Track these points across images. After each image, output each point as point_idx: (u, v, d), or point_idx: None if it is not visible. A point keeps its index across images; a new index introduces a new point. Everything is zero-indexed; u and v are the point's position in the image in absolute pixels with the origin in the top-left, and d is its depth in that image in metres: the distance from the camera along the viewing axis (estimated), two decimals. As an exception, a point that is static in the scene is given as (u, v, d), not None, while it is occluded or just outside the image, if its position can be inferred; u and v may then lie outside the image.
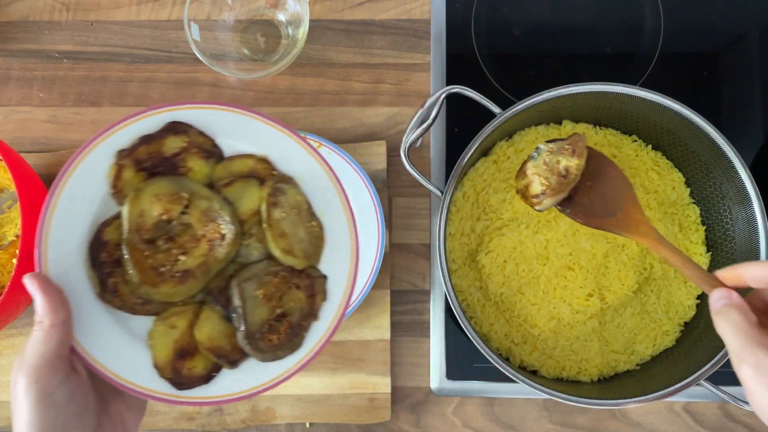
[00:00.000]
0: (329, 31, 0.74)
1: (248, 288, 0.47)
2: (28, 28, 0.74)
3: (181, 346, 0.47)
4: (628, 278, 0.65)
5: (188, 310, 0.48)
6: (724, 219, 0.64)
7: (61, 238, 0.45)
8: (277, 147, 0.50)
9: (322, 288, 0.49)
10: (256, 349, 0.47)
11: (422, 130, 0.61)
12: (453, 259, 0.66)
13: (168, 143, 0.48)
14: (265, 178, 0.50)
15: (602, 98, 0.63)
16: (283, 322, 0.48)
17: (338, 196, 0.50)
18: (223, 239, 0.47)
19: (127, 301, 0.46)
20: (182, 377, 0.46)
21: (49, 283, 0.43)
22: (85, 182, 0.46)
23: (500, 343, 0.65)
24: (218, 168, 0.50)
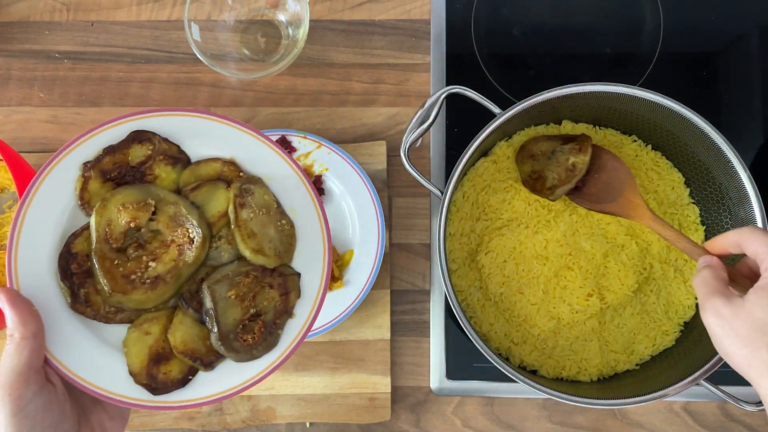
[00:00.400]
0: (329, 31, 0.74)
1: (220, 290, 0.47)
2: (28, 28, 0.74)
3: (156, 351, 0.47)
4: (627, 278, 0.65)
5: (161, 315, 0.48)
6: (724, 219, 0.65)
7: (30, 251, 0.45)
8: (243, 149, 0.50)
9: (296, 285, 0.49)
10: (231, 350, 0.47)
11: (422, 131, 0.61)
12: (453, 259, 0.66)
13: (133, 152, 0.49)
14: (233, 180, 0.50)
15: (602, 98, 0.63)
16: (257, 322, 0.48)
17: (308, 194, 0.50)
18: (192, 243, 0.48)
19: (100, 310, 0.47)
20: (158, 382, 0.46)
21: (18, 296, 0.43)
22: (52, 196, 0.47)
23: (500, 342, 0.65)
24: (185, 173, 0.50)
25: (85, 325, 0.47)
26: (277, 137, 0.69)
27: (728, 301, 0.44)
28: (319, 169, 0.69)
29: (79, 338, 0.46)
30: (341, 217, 0.69)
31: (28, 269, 0.45)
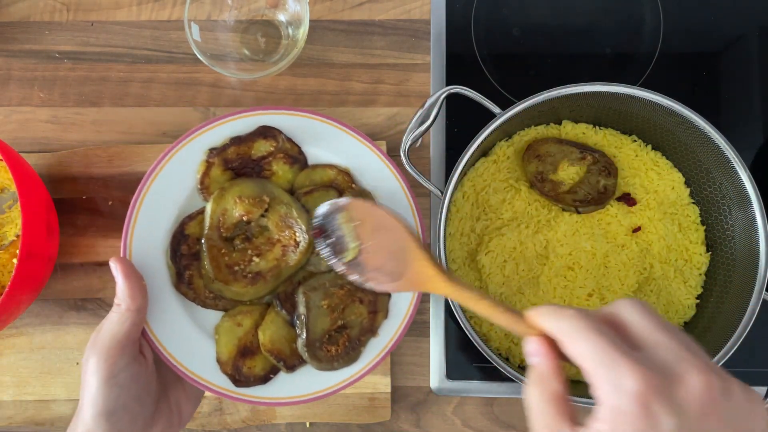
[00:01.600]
0: (329, 31, 0.74)
1: (314, 297, 0.48)
2: (28, 28, 0.74)
3: (245, 344, 0.48)
4: (628, 278, 0.65)
5: (255, 310, 0.49)
6: (724, 219, 0.65)
7: (147, 226, 0.47)
8: (359, 160, 0.51)
9: (385, 305, 0.50)
10: (314, 358, 0.48)
11: (422, 131, 0.61)
12: (453, 259, 0.66)
13: (257, 146, 0.50)
14: (344, 191, 0.51)
15: (602, 98, 0.63)
16: (342, 334, 0.49)
17: (412, 212, 0.52)
18: (297, 247, 0.48)
19: (200, 294, 0.48)
20: (242, 375, 0.48)
21: (132, 268, 0.45)
22: (175, 175, 0.48)
23: (500, 343, 0.65)
24: (301, 175, 0.51)
25: (184, 306, 0.48)
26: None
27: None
28: (319, 169, 0.69)
29: (176, 317, 0.47)
30: (341, 217, 0.69)
31: (143, 243, 0.47)
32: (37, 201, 0.61)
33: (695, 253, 0.66)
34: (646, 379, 0.28)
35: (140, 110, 0.73)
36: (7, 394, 0.68)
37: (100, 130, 0.73)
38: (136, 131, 0.73)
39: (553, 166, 0.66)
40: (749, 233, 0.61)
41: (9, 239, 0.66)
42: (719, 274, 0.65)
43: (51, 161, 0.71)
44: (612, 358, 0.30)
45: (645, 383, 0.28)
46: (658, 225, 0.66)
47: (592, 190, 0.65)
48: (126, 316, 0.44)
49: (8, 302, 0.58)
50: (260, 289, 0.48)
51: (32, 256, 0.59)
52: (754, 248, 0.60)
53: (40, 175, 0.70)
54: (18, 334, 0.69)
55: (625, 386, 0.29)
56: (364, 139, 0.50)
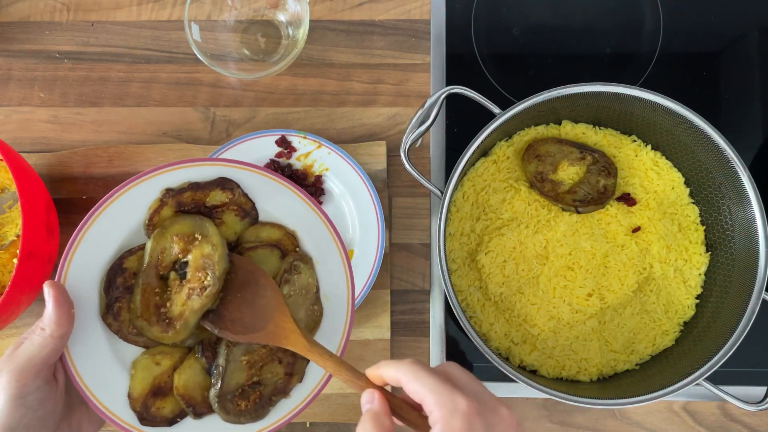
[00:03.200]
0: (329, 31, 0.74)
1: (236, 351, 0.49)
2: (29, 28, 0.74)
3: (159, 384, 0.49)
4: (627, 278, 0.65)
5: (176, 352, 0.50)
6: (724, 219, 0.65)
7: (87, 253, 0.47)
8: (307, 227, 0.52)
9: (302, 370, 0.51)
10: (223, 410, 0.49)
11: (422, 131, 0.61)
12: (453, 259, 0.66)
13: (213, 195, 0.50)
14: (288, 253, 0.52)
15: (602, 98, 0.63)
16: (255, 391, 0.50)
17: (347, 289, 0.52)
18: (202, 291, 0.48)
19: (124, 327, 0.48)
20: (149, 414, 0.48)
21: (64, 296, 0.45)
22: (126, 209, 0.48)
23: (500, 342, 0.65)
24: (249, 230, 0.52)
25: (107, 337, 0.48)
26: (277, 137, 0.69)
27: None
28: (319, 169, 0.69)
29: (97, 346, 0.48)
30: (341, 217, 0.69)
31: (79, 270, 0.47)
32: (37, 201, 0.61)
33: (695, 253, 0.66)
34: (472, 404, 0.40)
35: (140, 110, 0.73)
36: (8, 394, 0.68)
37: (100, 130, 0.73)
38: (136, 131, 0.73)
39: (553, 166, 0.66)
40: (749, 233, 0.61)
41: (9, 239, 0.66)
42: (719, 274, 0.65)
43: (51, 161, 0.71)
44: (449, 389, 0.40)
45: (472, 407, 0.40)
46: (657, 225, 0.66)
47: (592, 190, 0.65)
48: (48, 341, 0.44)
49: (8, 302, 0.58)
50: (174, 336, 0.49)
51: (32, 256, 0.59)
52: (754, 248, 0.60)
53: (40, 175, 0.70)
54: (18, 334, 0.69)
55: (459, 408, 0.40)
56: (319, 210, 0.52)
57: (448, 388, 0.41)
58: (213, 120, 0.73)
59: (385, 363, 0.44)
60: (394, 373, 0.43)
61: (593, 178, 0.66)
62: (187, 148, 0.71)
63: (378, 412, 0.43)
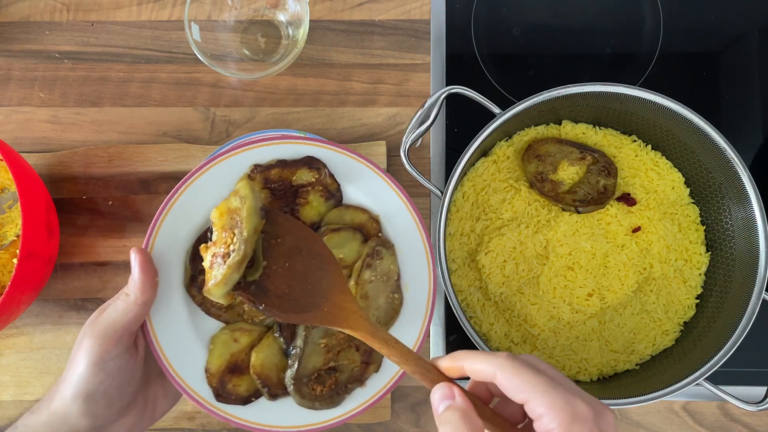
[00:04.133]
0: (329, 31, 0.74)
1: (314, 333, 0.48)
2: (28, 28, 0.74)
3: (236, 361, 0.48)
4: (627, 278, 0.65)
5: (255, 330, 0.49)
6: (724, 219, 0.65)
7: (175, 224, 0.48)
8: (392, 211, 0.52)
9: (379, 359, 0.50)
10: (298, 393, 0.48)
11: (422, 131, 0.61)
12: (453, 259, 0.66)
13: (300, 174, 0.51)
14: (370, 237, 0.51)
15: (602, 98, 0.63)
16: (331, 377, 0.49)
17: (428, 278, 0.52)
18: (226, 258, 0.42)
19: (207, 300, 0.48)
20: (225, 390, 0.48)
21: (150, 262, 0.45)
22: (216, 180, 0.49)
23: (500, 342, 0.65)
24: (333, 211, 0.51)
25: (188, 309, 0.48)
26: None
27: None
28: (319, 169, 0.69)
29: (178, 318, 0.48)
30: (341, 217, 0.69)
31: (166, 239, 0.47)
32: (37, 201, 0.61)
33: (695, 253, 0.66)
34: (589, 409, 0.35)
35: (140, 110, 0.73)
36: (7, 394, 0.68)
37: (100, 130, 0.73)
38: (136, 131, 0.73)
39: (553, 166, 0.66)
40: (749, 233, 0.61)
41: (9, 239, 0.66)
42: (719, 274, 0.65)
43: (51, 161, 0.71)
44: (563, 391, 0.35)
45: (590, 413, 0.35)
46: (658, 225, 0.66)
47: (592, 190, 0.65)
48: (132, 307, 0.44)
49: (8, 302, 0.58)
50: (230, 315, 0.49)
51: (32, 256, 0.59)
52: (754, 248, 0.60)
53: (40, 175, 0.70)
54: (18, 334, 0.69)
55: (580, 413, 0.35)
56: (404, 194, 0.51)
57: (561, 390, 0.35)
58: (213, 120, 0.73)
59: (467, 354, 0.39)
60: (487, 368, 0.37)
61: (593, 178, 0.66)
62: (187, 148, 0.71)
63: (466, 410, 0.37)
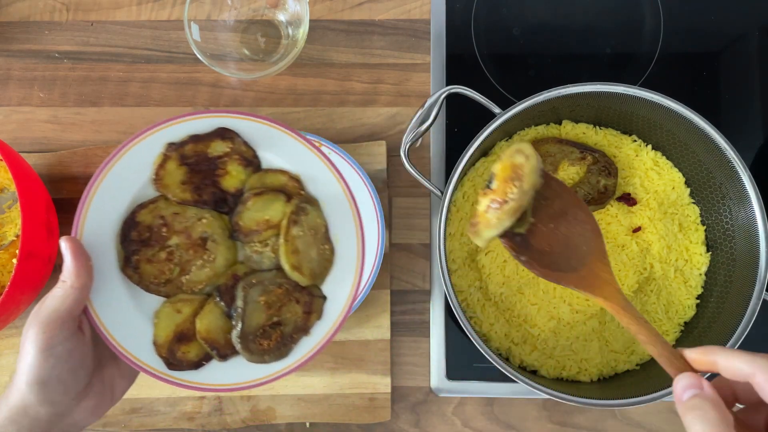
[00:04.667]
0: (329, 31, 0.74)
1: (252, 293, 0.51)
2: (28, 28, 0.74)
3: (181, 330, 0.51)
4: (628, 278, 0.65)
5: (195, 299, 0.51)
6: (724, 219, 0.65)
7: (100, 209, 0.49)
8: (310, 169, 0.53)
9: (320, 307, 0.53)
10: (247, 350, 0.50)
11: (422, 131, 0.61)
12: (453, 259, 0.66)
13: (214, 146, 0.52)
14: (293, 196, 0.53)
15: (602, 98, 0.63)
16: (276, 330, 0.51)
17: (355, 227, 0.53)
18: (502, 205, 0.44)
19: (145, 278, 0.50)
20: (175, 359, 0.50)
21: (80, 248, 0.47)
22: (133, 164, 0.50)
23: (500, 343, 0.65)
24: (253, 177, 0.53)
25: (128, 289, 0.50)
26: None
27: None
28: (319, 169, 0.69)
29: (118, 298, 0.50)
30: (341, 217, 0.69)
31: (94, 225, 0.49)
32: (37, 201, 0.61)
33: (695, 253, 0.66)
34: None
35: (140, 110, 0.73)
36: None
37: (100, 130, 0.73)
38: (135, 131, 0.72)
39: (553, 166, 0.66)
40: (749, 233, 0.61)
41: (9, 239, 0.66)
42: (719, 274, 0.65)
43: (51, 161, 0.71)
44: None
45: None
46: (658, 225, 0.66)
47: (592, 190, 0.65)
48: (69, 292, 0.46)
49: (8, 302, 0.58)
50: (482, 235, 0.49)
51: (32, 256, 0.59)
52: (754, 248, 0.60)
53: (40, 175, 0.70)
54: (18, 334, 0.69)
55: None
56: (317, 150, 0.53)
57: None
58: (213, 120, 0.73)
59: (722, 350, 0.36)
60: (745, 366, 0.35)
61: (593, 178, 0.66)
62: (186, 148, 0.71)
63: (717, 401, 0.35)
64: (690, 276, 0.66)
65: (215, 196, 0.52)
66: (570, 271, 0.44)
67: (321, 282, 0.53)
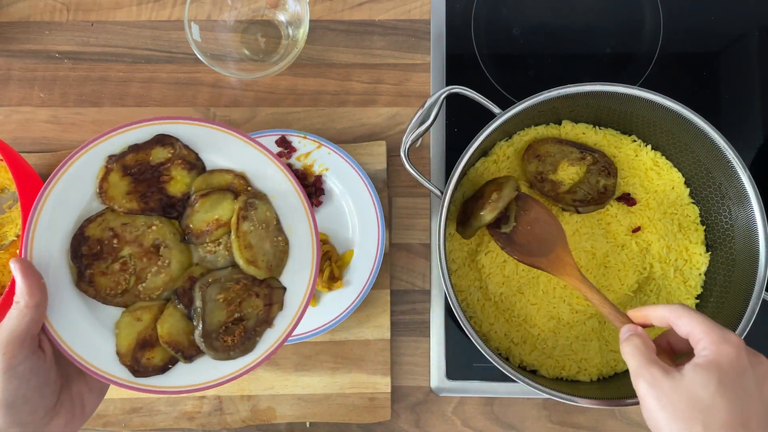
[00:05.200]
0: (329, 31, 0.74)
1: (210, 292, 0.51)
2: (28, 28, 0.74)
3: (144, 337, 0.51)
4: (627, 278, 0.65)
5: (154, 306, 0.52)
6: (724, 219, 0.65)
7: (48, 228, 0.49)
8: (254, 165, 0.54)
9: (280, 298, 0.53)
10: (211, 348, 0.51)
11: (422, 131, 0.61)
12: (453, 259, 0.66)
13: (155, 153, 0.53)
14: (240, 193, 0.54)
15: (602, 98, 0.63)
16: (239, 326, 0.52)
17: (306, 216, 0.54)
18: (489, 205, 0.61)
19: (101, 291, 0.50)
20: (140, 366, 0.50)
21: (30, 267, 0.47)
22: (75, 181, 0.50)
23: (500, 342, 0.65)
24: (198, 179, 0.54)
25: (85, 303, 0.50)
26: (277, 137, 0.69)
27: (667, 375, 0.44)
28: (319, 169, 0.69)
29: (76, 314, 0.50)
30: (341, 217, 0.69)
31: (43, 244, 0.49)
32: (37, 201, 0.61)
33: (695, 253, 0.66)
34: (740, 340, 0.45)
35: (140, 110, 0.73)
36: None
37: (100, 130, 0.73)
38: (136, 131, 0.73)
39: (553, 166, 0.66)
40: (749, 233, 0.61)
41: (9, 239, 0.66)
42: (719, 274, 0.65)
43: (51, 161, 0.71)
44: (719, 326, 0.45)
45: (741, 342, 0.44)
46: (657, 225, 0.66)
47: (592, 190, 0.65)
48: (25, 312, 0.46)
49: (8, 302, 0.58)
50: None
51: (32, 256, 0.59)
52: (754, 248, 0.60)
53: (40, 175, 0.70)
54: (18, 334, 0.69)
55: (730, 339, 0.44)
56: (259, 145, 0.54)
57: (719, 325, 0.45)
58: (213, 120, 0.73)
59: (652, 305, 0.49)
60: (664, 312, 0.48)
61: (593, 178, 0.66)
62: (187, 148, 0.71)
63: (646, 336, 0.48)
64: (690, 276, 0.66)
65: (162, 203, 0.52)
66: (542, 256, 0.60)
67: (279, 273, 0.54)
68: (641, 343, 0.47)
